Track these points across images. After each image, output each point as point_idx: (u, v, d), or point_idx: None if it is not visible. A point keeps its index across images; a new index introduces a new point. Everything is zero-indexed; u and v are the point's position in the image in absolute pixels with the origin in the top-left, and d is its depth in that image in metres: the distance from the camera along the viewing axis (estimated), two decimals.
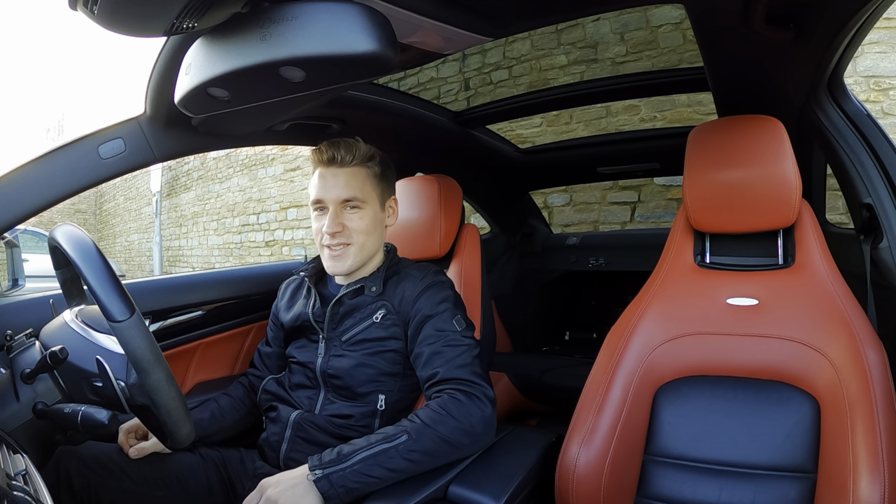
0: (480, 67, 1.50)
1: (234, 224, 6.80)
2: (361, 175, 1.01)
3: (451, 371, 0.90)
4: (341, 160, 0.99)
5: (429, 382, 0.91)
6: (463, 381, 0.88)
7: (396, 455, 0.80)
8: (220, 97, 0.66)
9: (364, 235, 1.01)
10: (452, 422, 0.83)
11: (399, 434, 0.82)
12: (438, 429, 0.82)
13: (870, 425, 0.75)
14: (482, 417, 0.86)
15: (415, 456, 0.81)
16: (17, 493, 0.53)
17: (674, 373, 0.94)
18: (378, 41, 0.54)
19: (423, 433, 0.82)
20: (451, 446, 0.83)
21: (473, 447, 0.86)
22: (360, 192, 1.00)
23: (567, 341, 2.39)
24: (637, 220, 2.92)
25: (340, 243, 1.00)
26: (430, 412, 0.85)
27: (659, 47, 1.28)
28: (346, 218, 1.00)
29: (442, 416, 0.84)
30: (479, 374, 0.90)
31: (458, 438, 0.83)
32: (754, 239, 0.99)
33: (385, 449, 0.80)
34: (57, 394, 0.76)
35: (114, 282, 0.68)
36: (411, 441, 0.81)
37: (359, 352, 0.99)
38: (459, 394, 0.87)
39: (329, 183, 1.00)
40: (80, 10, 0.53)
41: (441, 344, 0.93)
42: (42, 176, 0.89)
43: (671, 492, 0.89)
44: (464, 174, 1.65)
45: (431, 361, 0.92)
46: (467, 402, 0.86)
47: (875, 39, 2.35)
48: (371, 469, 0.79)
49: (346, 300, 1.02)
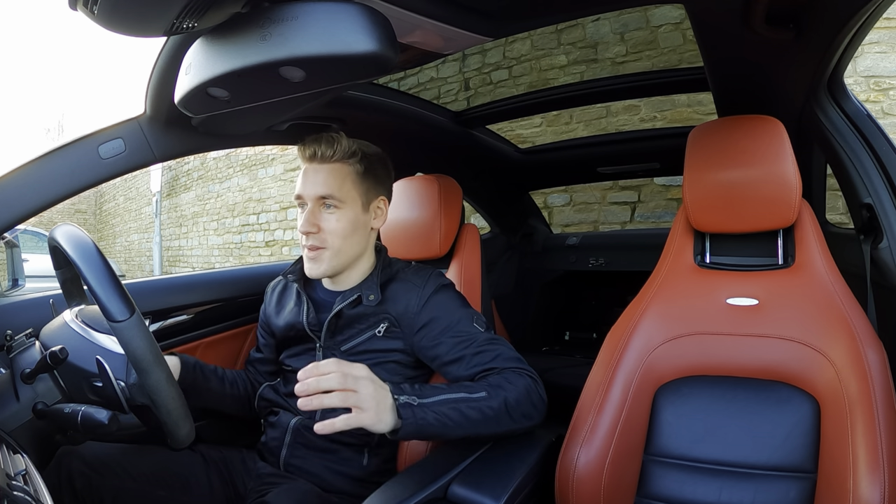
0: (480, 67, 1.50)
1: (234, 224, 6.80)
2: (342, 172, 0.97)
3: (505, 363, 0.90)
4: (322, 156, 0.96)
5: (483, 374, 0.90)
6: (518, 368, 0.90)
7: (476, 406, 0.81)
8: (220, 97, 0.66)
9: (340, 239, 0.96)
10: (518, 391, 0.85)
11: (479, 389, 0.83)
12: (508, 394, 0.84)
13: (870, 425, 0.75)
14: (540, 396, 0.88)
15: (490, 412, 0.82)
16: (17, 493, 0.53)
17: (674, 373, 0.94)
18: (378, 41, 0.54)
19: (497, 393, 0.84)
20: (512, 414, 0.84)
21: (527, 422, 0.86)
22: (338, 191, 0.96)
23: (567, 341, 2.39)
24: (637, 220, 2.92)
25: (315, 246, 0.96)
26: (499, 379, 0.86)
27: (659, 47, 1.28)
28: (322, 218, 0.96)
29: (510, 384, 0.86)
30: (528, 366, 0.91)
31: (521, 409, 0.85)
32: (754, 239, 0.99)
33: (466, 398, 0.81)
34: (57, 394, 0.76)
35: (114, 282, 0.68)
36: (489, 398, 0.83)
37: (359, 362, 0.98)
38: (521, 372, 0.89)
39: (309, 179, 0.96)
40: (80, 10, 0.53)
41: (477, 345, 0.92)
42: (42, 176, 0.88)
43: (671, 492, 0.89)
44: (464, 174, 1.65)
45: (478, 360, 0.91)
46: (528, 380, 0.88)
47: (875, 39, 2.35)
48: (451, 411, 0.80)
49: (346, 311, 0.98)
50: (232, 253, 6.86)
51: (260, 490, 0.94)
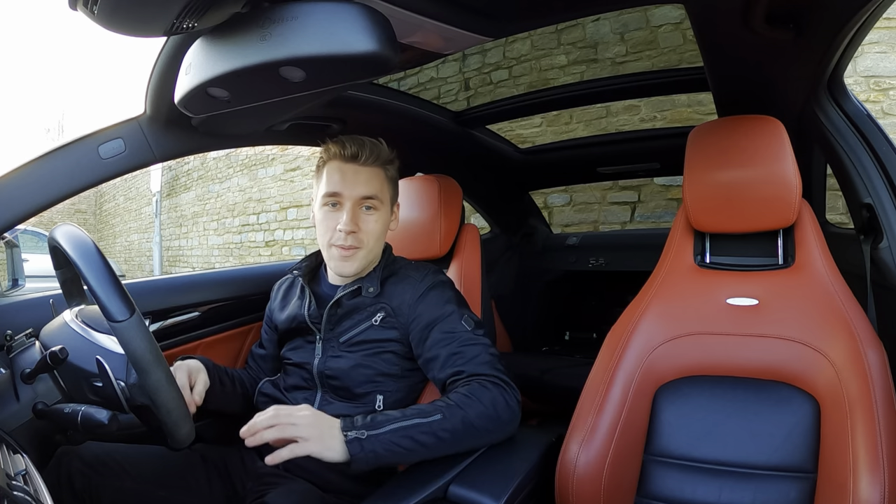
0: (480, 67, 1.50)
1: (234, 224, 6.80)
2: (381, 176, 1.01)
3: (476, 367, 0.90)
4: (365, 158, 0.99)
5: (452, 379, 0.91)
6: (489, 375, 0.89)
7: (429, 431, 0.81)
8: (220, 97, 0.66)
9: (374, 239, 1.00)
10: (481, 407, 0.84)
11: (434, 412, 0.82)
12: (468, 411, 0.83)
13: (870, 425, 0.75)
14: (507, 407, 0.86)
15: (445, 435, 0.81)
16: (17, 493, 0.53)
17: (674, 373, 0.94)
18: (378, 41, 0.54)
19: (454, 413, 0.83)
20: (476, 431, 0.83)
21: (497, 434, 0.86)
22: (379, 192, 1.00)
23: (567, 341, 2.39)
24: (637, 220, 2.92)
25: (352, 246, 0.98)
26: (460, 396, 0.85)
27: (659, 47, 1.28)
28: (362, 219, 0.99)
29: (472, 401, 0.84)
30: (502, 371, 0.91)
31: (485, 424, 0.84)
32: (754, 239, 0.99)
33: (418, 423, 0.81)
34: (57, 394, 0.76)
35: (114, 282, 0.68)
36: (444, 420, 0.82)
37: (357, 353, 0.99)
38: (487, 383, 0.88)
39: (349, 178, 0.99)
40: (80, 10, 0.53)
41: (457, 345, 0.92)
42: (42, 176, 0.89)
43: (671, 492, 0.89)
44: (464, 174, 1.65)
45: (451, 361, 0.91)
46: (494, 391, 0.86)
47: (875, 39, 2.35)
48: (402, 440, 0.79)
49: (345, 301, 1.01)
50: (232, 253, 6.86)
51: (259, 490, 0.94)
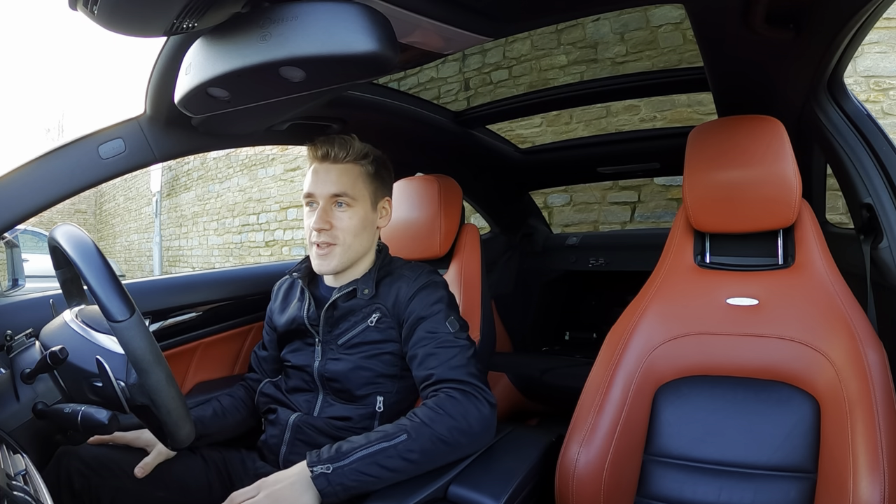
0: (480, 67, 1.50)
1: (234, 224, 6.80)
2: (354, 172, 1.01)
3: (447, 372, 0.89)
4: (335, 156, 0.99)
5: (424, 383, 0.91)
6: (459, 381, 0.88)
7: (395, 454, 0.80)
8: (220, 97, 0.66)
9: (351, 236, 1.00)
10: (449, 420, 0.83)
11: (398, 433, 0.81)
12: (436, 428, 0.82)
13: (870, 425, 0.75)
14: (479, 416, 0.85)
15: (413, 456, 0.80)
16: (17, 493, 0.53)
17: (674, 373, 0.94)
18: (378, 41, 0.54)
19: (421, 432, 0.81)
20: (448, 446, 0.82)
21: (471, 447, 0.86)
22: (350, 189, 0.99)
23: (567, 341, 2.39)
24: (637, 220, 2.92)
25: (326, 242, 0.99)
26: (427, 411, 0.84)
27: (659, 47, 1.28)
28: (334, 216, 0.99)
29: (439, 415, 0.83)
30: (474, 375, 0.89)
31: (456, 438, 0.83)
32: (754, 239, 0.99)
33: (384, 448, 0.80)
34: (57, 394, 0.76)
35: (114, 282, 0.68)
36: (410, 440, 0.80)
37: (356, 355, 0.99)
38: (456, 392, 0.86)
39: (321, 178, 1.00)
40: (80, 10, 0.53)
41: (434, 345, 0.92)
42: (42, 176, 0.89)
43: (671, 492, 0.89)
44: (464, 174, 1.65)
45: (426, 363, 0.91)
46: (464, 401, 0.85)
47: (875, 39, 2.35)
48: (369, 468, 0.79)
49: (340, 303, 1.01)
50: (232, 253, 6.86)
51: None
